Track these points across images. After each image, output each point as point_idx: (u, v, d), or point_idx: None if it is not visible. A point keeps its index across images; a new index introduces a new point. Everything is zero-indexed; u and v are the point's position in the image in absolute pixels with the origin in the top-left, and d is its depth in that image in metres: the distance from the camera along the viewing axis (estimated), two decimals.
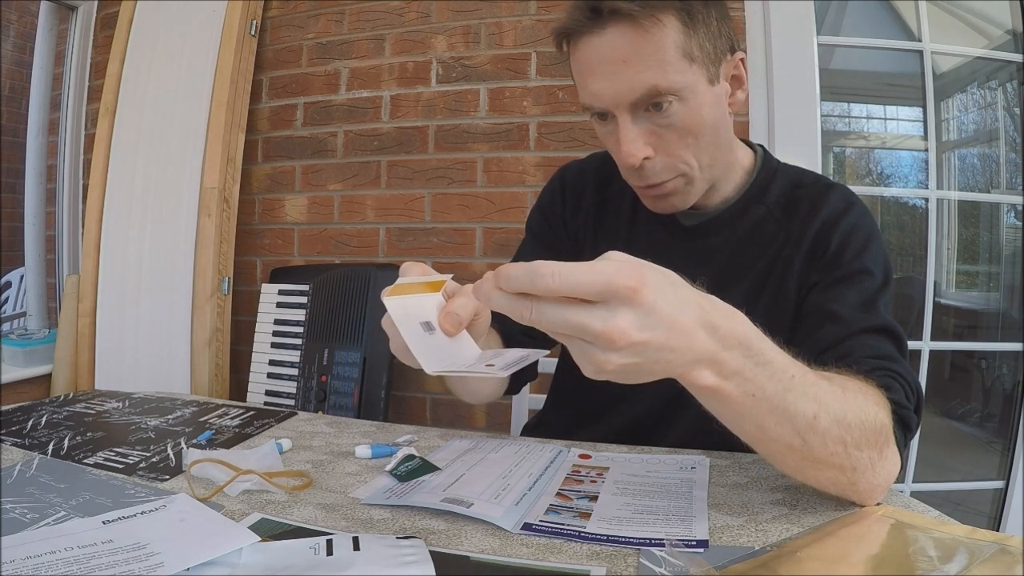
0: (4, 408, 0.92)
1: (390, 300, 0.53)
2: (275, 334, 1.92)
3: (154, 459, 0.73)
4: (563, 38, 0.74)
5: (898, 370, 0.66)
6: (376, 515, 0.59)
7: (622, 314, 0.41)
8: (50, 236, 2.29)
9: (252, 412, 0.94)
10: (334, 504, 0.61)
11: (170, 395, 1.04)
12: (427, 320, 0.54)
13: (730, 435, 0.53)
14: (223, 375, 1.93)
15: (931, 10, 1.72)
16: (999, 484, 1.73)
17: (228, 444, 0.79)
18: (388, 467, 0.69)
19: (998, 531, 1.18)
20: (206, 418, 0.91)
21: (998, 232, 1.87)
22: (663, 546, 0.51)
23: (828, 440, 0.52)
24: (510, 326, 0.79)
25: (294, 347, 1.88)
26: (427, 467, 0.69)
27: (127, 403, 0.98)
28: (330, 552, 0.50)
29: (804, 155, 1.65)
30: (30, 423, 0.85)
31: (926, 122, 1.74)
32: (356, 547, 0.50)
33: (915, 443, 1.65)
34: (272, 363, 1.90)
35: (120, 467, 0.70)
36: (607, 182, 0.91)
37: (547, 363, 1.02)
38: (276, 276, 2.01)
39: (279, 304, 1.94)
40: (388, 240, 1.97)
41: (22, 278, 2.38)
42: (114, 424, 0.87)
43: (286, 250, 2.08)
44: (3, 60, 2.77)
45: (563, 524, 0.56)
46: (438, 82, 1.92)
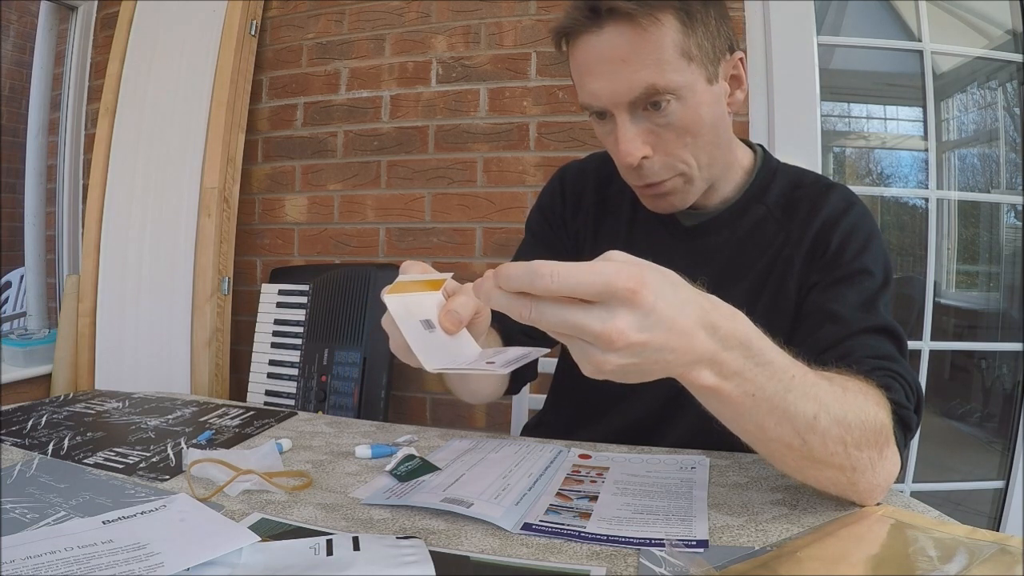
0: (4, 408, 0.92)
1: (390, 298, 0.53)
2: (275, 334, 1.92)
3: (154, 459, 0.73)
4: (562, 37, 0.74)
5: (898, 370, 0.66)
6: (376, 515, 0.59)
7: (621, 315, 0.41)
8: (50, 236, 2.29)
9: (252, 412, 0.94)
10: (334, 504, 0.61)
11: (170, 395, 1.04)
12: (427, 318, 0.54)
13: (730, 435, 0.53)
14: (223, 375, 1.93)
15: (931, 10, 1.72)
16: (999, 484, 1.73)
17: (228, 444, 0.79)
18: (388, 467, 0.69)
19: (998, 531, 1.18)
20: (206, 418, 0.91)
21: (998, 232, 1.87)
22: (663, 546, 0.51)
23: (828, 440, 0.52)
24: (510, 326, 0.79)
25: (294, 347, 1.88)
26: (427, 467, 0.69)
27: (127, 403, 0.98)
28: (330, 552, 0.50)
29: (804, 155, 1.64)
30: (30, 423, 0.85)
31: (926, 122, 1.74)
32: (356, 547, 0.50)
33: (915, 443, 1.65)
34: (272, 363, 1.90)
35: (120, 467, 0.70)
36: (607, 182, 0.91)
37: (547, 363, 1.02)
38: (276, 276, 2.01)
39: (279, 304, 1.94)
40: (388, 240, 1.97)
41: (22, 278, 2.38)
42: (114, 424, 0.87)
43: (286, 250, 2.08)
44: (3, 60, 2.77)
45: (563, 524, 0.56)
46: (438, 82, 1.92)
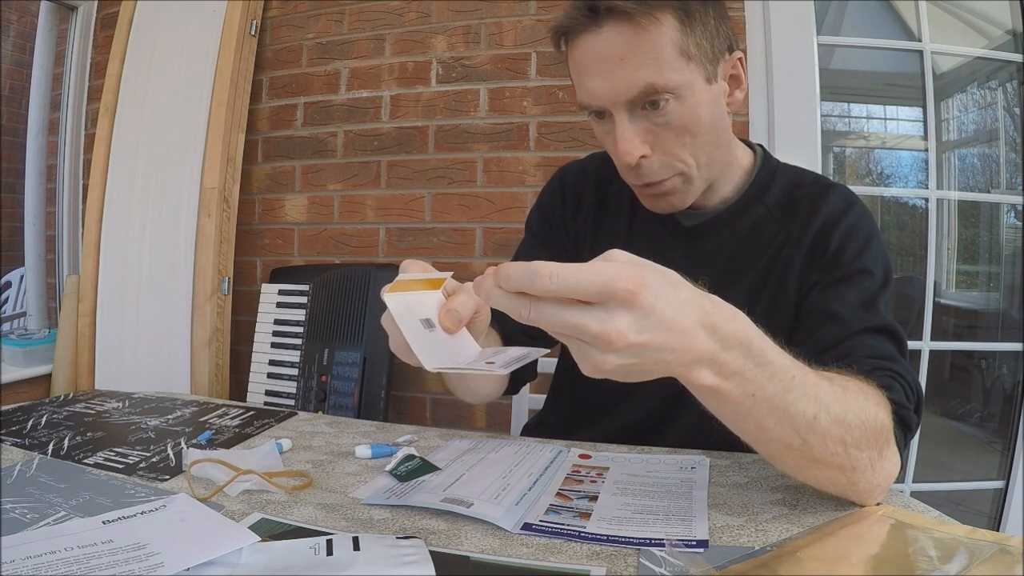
0: (4, 408, 0.92)
1: (390, 297, 0.53)
2: (275, 334, 1.92)
3: (154, 459, 0.73)
4: (561, 37, 0.74)
5: (898, 370, 0.66)
6: (376, 515, 0.59)
7: (620, 316, 0.41)
8: (50, 236, 2.29)
9: (252, 412, 0.94)
10: (334, 504, 0.61)
11: (170, 395, 1.04)
12: (427, 317, 0.54)
13: (730, 435, 0.53)
14: (223, 375, 1.93)
15: (931, 10, 1.72)
16: (999, 484, 1.73)
17: (228, 444, 0.79)
18: (388, 467, 0.69)
19: (998, 531, 1.18)
20: (206, 418, 0.91)
21: (998, 232, 1.87)
22: (663, 546, 0.51)
23: (828, 440, 0.52)
24: (509, 325, 0.79)
25: (294, 347, 1.88)
26: (427, 467, 0.69)
27: (127, 403, 0.98)
28: (330, 552, 0.50)
29: (804, 155, 1.65)
30: (30, 423, 0.85)
31: (926, 122, 1.74)
32: (356, 547, 0.50)
33: (915, 443, 1.65)
34: (272, 363, 1.90)
35: (120, 467, 0.70)
36: (607, 182, 0.91)
37: (547, 363, 1.02)
38: (276, 276, 2.01)
39: (279, 304, 1.94)
40: (388, 240, 1.97)
41: (22, 278, 2.38)
42: (114, 424, 0.87)
43: (286, 250, 2.08)
44: (3, 60, 2.77)
45: (563, 524, 0.56)
46: (438, 82, 1.92)
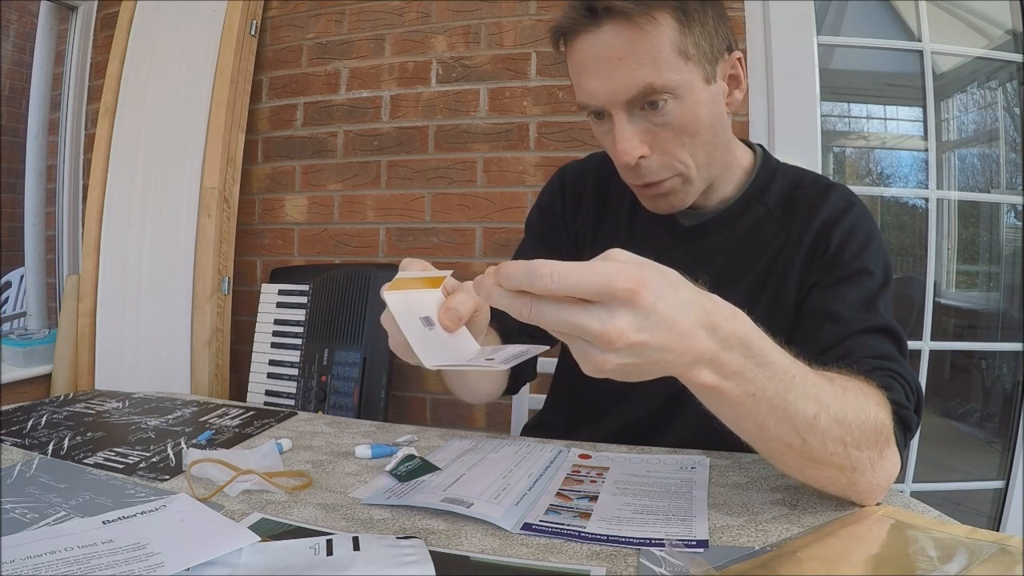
0: (4, 408, 0.92)
1: (390, 295, 0.53)
2: (275, 334, 1.92)
3: (154, 459, 0.73)
4: (560, 37, 0.74)
5: (898, 370, 0.66)
6: (376, 515, 0.59)
7: (620, 315, 0.41)
8: (50, 236, 2.29)
9: (252, 412, 0.94)
10: (334, 504, 0.61)
11: (170, 395, 1.04)
12: (427, 315, 0.54)
13: (730, 435, 0.53)
14: (223, 375, 1.93)
15: (931, 10, 1.72)
16: (999, 484, 1.73)
17: (228, 444, 0.79)
18: (388, 467, 0.69)
19: (998, 531, 1.18)
20: (206, 418, 0.91)
21: (998, 232, 1.87)
22: (663, 546, 0.51)
23: (828, 440, 0.52)
24: (509, 325, 0.79)
25: (294, 347, 1.88)
26: (427, 467, 0.69)
27: (127, 403, 0.98)
28: (330, 552, 0.50)
29: (804, 155, 1.65)
30: (30, 423, 0.85)
31: (926, 122, 1.74)
32: (356, 547, 0.50)
33: (915, 443, 1.65)
34: (272, 363, 1.90)
35: (120, 467, 0.70)
36: (607, 182, 0.91)
37: (547, 363, 1.02)
38: (276, 276, 2.01)
39: (279, 304, 1.94)
40: (388, 240, 1.97)
41: (22, 278, 2.38)
42: (114, 424, 0.87)
43: (286, 250, 2.08)
44: (3, 60, 2.77)
45: (563, 524, 0.56)
46: (438, 82, 1.92)
